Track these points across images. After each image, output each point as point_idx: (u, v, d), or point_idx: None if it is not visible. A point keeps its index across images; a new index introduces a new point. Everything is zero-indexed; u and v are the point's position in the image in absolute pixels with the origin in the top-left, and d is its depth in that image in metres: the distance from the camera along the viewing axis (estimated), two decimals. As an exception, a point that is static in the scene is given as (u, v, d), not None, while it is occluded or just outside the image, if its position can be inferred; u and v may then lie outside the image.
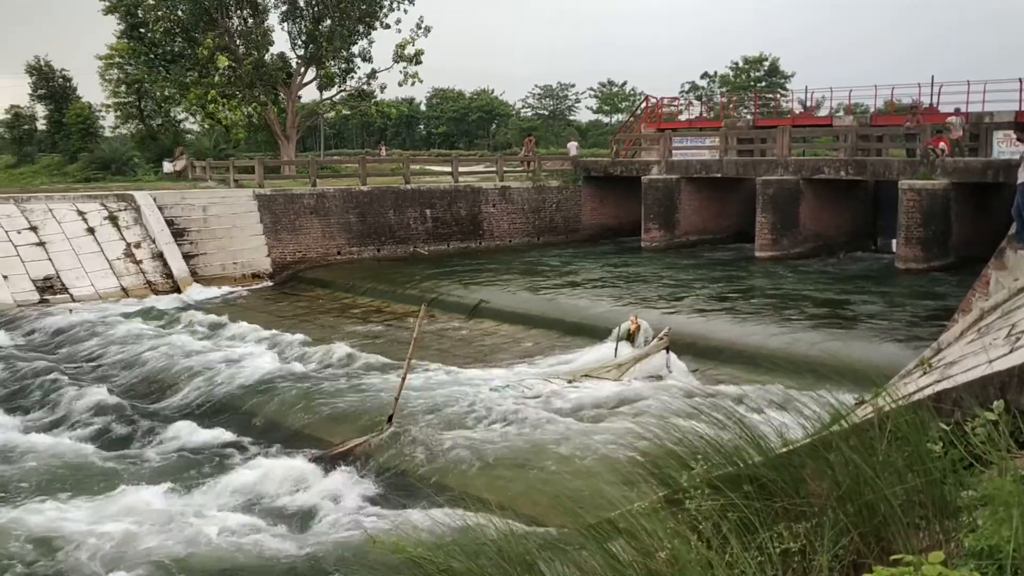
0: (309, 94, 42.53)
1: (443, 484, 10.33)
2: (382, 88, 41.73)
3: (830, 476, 3.98)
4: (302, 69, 39.90)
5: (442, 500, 9.05)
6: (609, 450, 9.88)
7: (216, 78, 37.54)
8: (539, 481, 9.75)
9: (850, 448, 4.02)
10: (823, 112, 39.51)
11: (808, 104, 40.40)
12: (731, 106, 44.87)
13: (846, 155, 27.50)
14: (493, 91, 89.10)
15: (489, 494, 9.70)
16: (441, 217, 30.82)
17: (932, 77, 31.57)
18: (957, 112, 27.87)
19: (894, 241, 25.13)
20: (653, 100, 39.80)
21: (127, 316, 21.03)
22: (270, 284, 26.56)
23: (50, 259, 23.62)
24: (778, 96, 46.85)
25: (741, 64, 71.68)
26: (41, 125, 54.23)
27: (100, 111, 49.30)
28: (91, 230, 24.72)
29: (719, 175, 30.09)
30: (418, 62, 39.82)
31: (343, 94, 41.77)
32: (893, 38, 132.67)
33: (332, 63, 39.83)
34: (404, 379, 12.66)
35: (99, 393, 14.98)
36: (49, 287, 23.16)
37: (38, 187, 32.02)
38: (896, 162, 25.74)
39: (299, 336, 18.41)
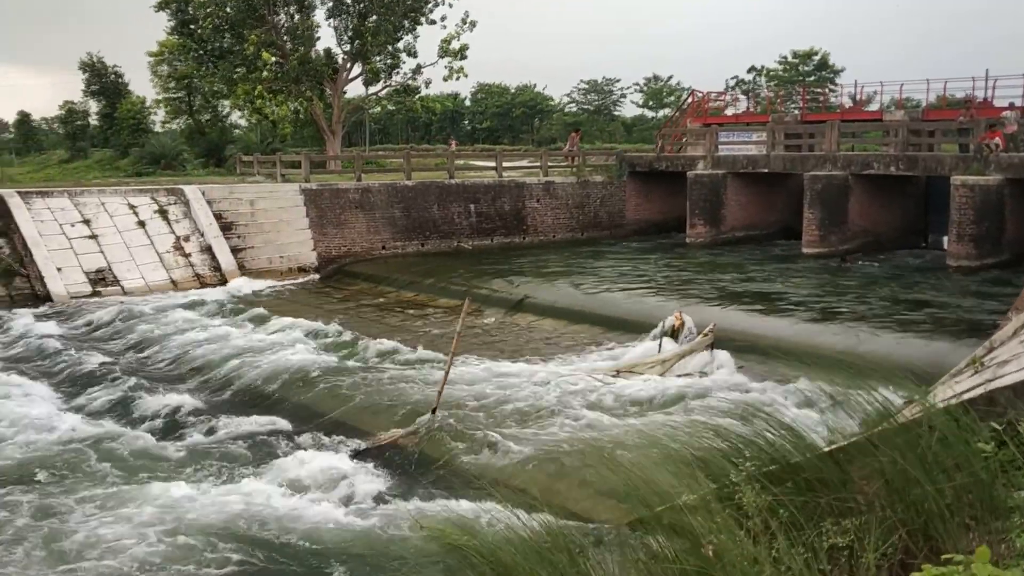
0: (354, 89, 42.90)
1: (486, 476, 10.37)
2: (427, 83, 41.94)
3: (878, 474, 3.95)
4: (348, 64, 40.21)
5: (485, 492, 9.09)
6: (654, 445, 9.84)
7: (263, 74, 37.99)
8: (583, 475, 9.75)
9: (898, 447, 3.98)
10: (873, 107, 38.84)
11: (858, 98, 39.75)
12: (778, 100, 44.33)
13: (897, 150, 27.02)
14: (536, 86, 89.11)
15: (533, 487, 9.74)
16: (485, 212, 30.90)
17: (987, 71, 30.90)
18: (1012, 106, 27.27)
19: (945, 238, 24.68)
20: (699, 94, 39.47)
21: (176, 308, 21.39)
22: (316, 278, 26.83)
23: (102, 252, 24.10)
24: (827, 90, 46.19)
25: (790, 58, 70.77)
26: (94, 120, 55.31)
27: (151, 107, 50.18)
28: (142, 223, 25.18)
29: (766, 170, 29.77)
30: (463, 57, 39.93)
31: (388, 89, 42.03)
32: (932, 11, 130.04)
33: (377, 58, 40.08)
34: (448, 372, 12.74)
35: (147, 383, 15.29)
36: (101, 279, 23.64)
37: (91, 181, 32.65)
38: (948, 157, 25.26)
39: (344, 329, 18.59)
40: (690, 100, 40.40)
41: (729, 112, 40.17)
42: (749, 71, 72.90)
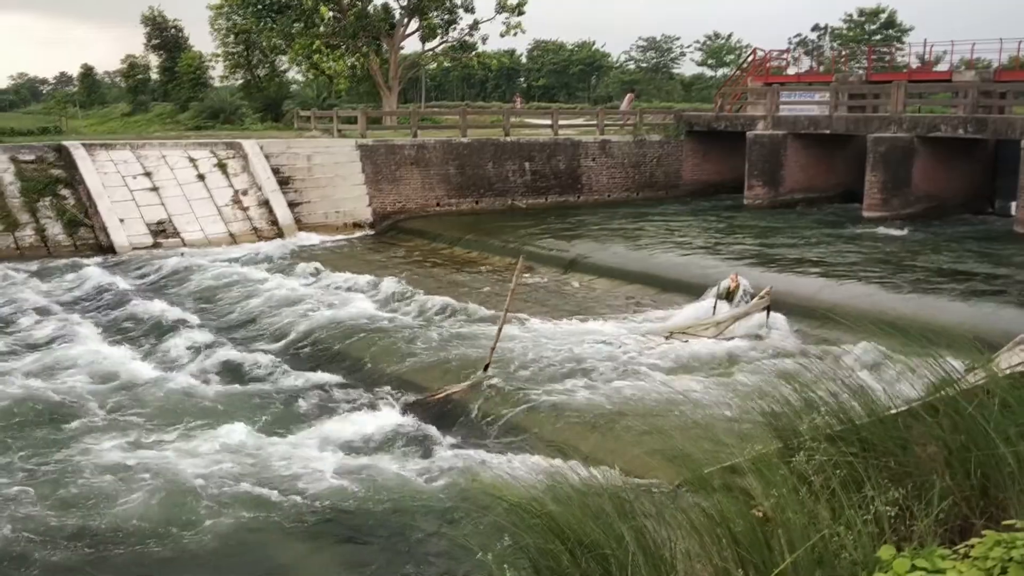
0: (411, 45, 42.80)
1: (538, 433, 10.44)
2: (484, 39, 41.65)
3: (938, 439, 3.90)
4: (405, 20, 40.08)
5: (536, 448, 9.17)
6: (705, 405, 9.80)
7: (321, 29, 38.05)
8: (635, 434, 9.77)
9: (959, 412, 3.92)
10: (942, 67, 37.69)
11: (926, 58, 38.58)
12: (842, 60, 43.22)
13: (965, 112, 26.23)
14: (594, 43, 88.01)
15: (583, 446, 9.79)
16: (540, 170, 30.74)
17: (1063, 30, 29.72)
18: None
19: (1013, 204, 23.99)
20: (761, 53, 38.65)
21: (234, 261, 21.78)
22: (370, 233, 27.03)
23: (163, 204, 24.53)
24: (893, 49, 44.89)
25: (856, 16, 68.83)
26: (154, 74, 56.05)
27: (209, 61, 50.64)
28: (201, 177, 25.54)
29: (828, 131, 29.13)
30: (520, 12, 39.53)
31: (445, 45, 41.85)
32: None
33: (434, 14, 39.87)
34: (500, 330, 12.78)
35: (206, 333, 15.62)
36: (162, 231, 24.09)
37: (152, 134, 33.17)
38: (1020, 120, 24.45)
39: (398, 285, 18.74)
40: (751, 59, 39.60)
41: (791, 71, 39.33)
42: (813, 29, 71.15)
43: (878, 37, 65.41)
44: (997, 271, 18.10)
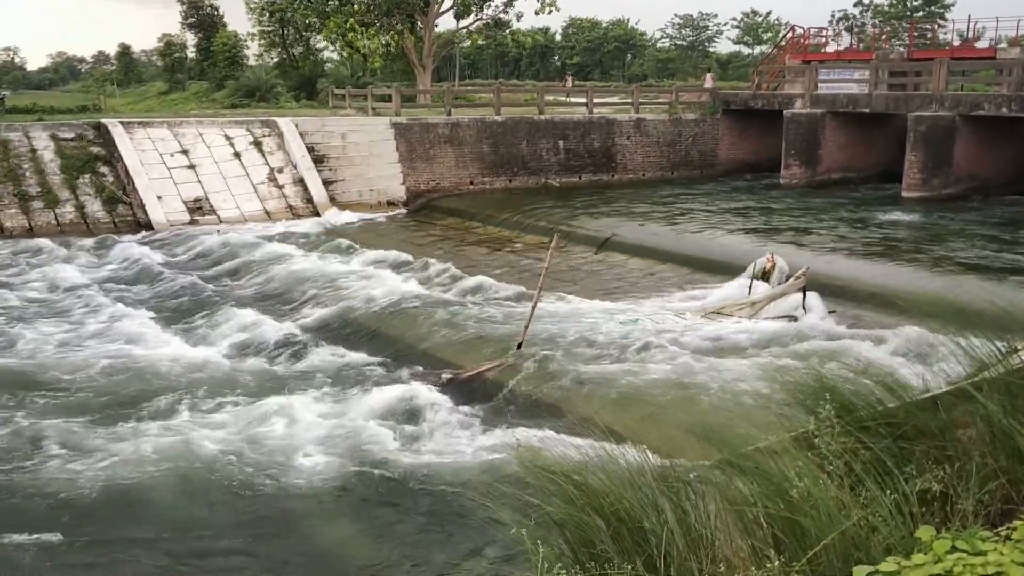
0: (445, 23, 42.67)
1: (571, 411, 10.43)
2: (518, 17, 41.45)
3: (978, 422, 3.84)
4: (439, -3, 40.01)
5: (569, 426, 9.16)
6: (740, 387, 9.75)
7: (355, 7, 38.04)
8: (668, 413, 9.74)
9: (1000, 395, 3.86)
10: (984, 44, 36.88)
11: (969, 35, 37.78)
12: (883, 37, 42.46)
13: (1009, 90, 25.67)
14: (629, 21, 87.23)
15: (616, 424, 9.76)
16: (574, 149, 30.60)
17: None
18: None
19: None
20: (799, 30, 38.08)
21: (270, 238, 21.93)
22: (404, 212, 27.10)
23: (199, 181, 24.76)
24: (936, 26, 44.04)
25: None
26: (190, 53, 56.47)
27: (245, 40, 50.91)
28: (237, 154, 25.72)
29: (867, 110, 28.67)
30: (555, -11, 39.29)
31: (479, 23, 41.70)
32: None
33: (469, -9, 39.76)
34: (534, 308, 12.78)
35: (242, 310, 15.76)
36: (198, 208, 24.32)
37: (189, 113, 33.42)
38: (1066, 98, 23.89)
39: (432, 263, 18.79)
40: (789, 36, 39.03)
41: (830, 49, 38.69)
42: (856, 5, 70.02)
43: (920, 13, 64.25)
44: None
